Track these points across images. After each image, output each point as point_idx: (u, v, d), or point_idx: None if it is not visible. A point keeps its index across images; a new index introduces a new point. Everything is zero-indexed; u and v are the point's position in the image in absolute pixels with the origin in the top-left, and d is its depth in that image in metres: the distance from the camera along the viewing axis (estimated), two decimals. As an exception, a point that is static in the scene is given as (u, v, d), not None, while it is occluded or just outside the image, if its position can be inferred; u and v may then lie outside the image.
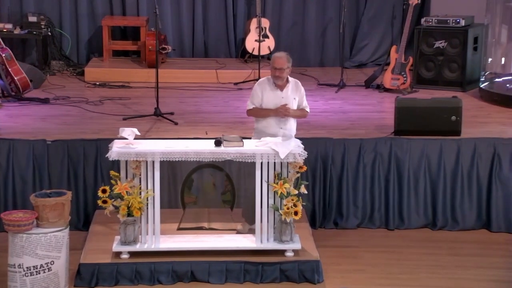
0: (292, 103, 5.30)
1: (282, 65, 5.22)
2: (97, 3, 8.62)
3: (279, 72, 5.22)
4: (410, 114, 6.24)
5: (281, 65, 5.22)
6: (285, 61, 5.22)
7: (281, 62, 5.22)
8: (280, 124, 5.32)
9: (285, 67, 5.23)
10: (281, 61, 5.22)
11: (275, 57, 5.28)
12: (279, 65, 5.21)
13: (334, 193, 6.15)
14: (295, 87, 5.34)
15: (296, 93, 5.33)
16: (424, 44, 7.89)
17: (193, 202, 5.36)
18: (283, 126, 5.32)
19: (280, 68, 5.22)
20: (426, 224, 6.20)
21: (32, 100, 7.16)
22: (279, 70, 5.22)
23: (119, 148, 5.09)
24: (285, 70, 5.24)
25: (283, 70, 5.23)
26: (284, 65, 5.22)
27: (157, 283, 5.11)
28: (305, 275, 5.18)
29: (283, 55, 5.26)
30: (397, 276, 5.35)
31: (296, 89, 5.34)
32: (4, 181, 5.89)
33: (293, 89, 5.32)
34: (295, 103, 5.32)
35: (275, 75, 5.24)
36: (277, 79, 5.26)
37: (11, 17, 8.49)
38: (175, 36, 8.72)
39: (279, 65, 5.21)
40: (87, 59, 8.65)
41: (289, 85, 5.31)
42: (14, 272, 4.80)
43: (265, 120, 5.32)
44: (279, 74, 5.23)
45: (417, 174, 6.14)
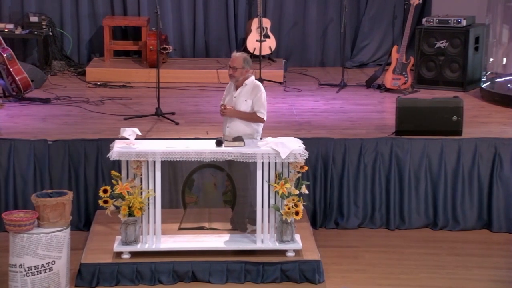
0: (241, 104, 5.31)
1: (235, 63, 5.27)
2: (98, 3, 8.62)
3: (232, 70, 5.29)
4: (411, 114, 6.23)
5: (234, 64, 5.27)
6: (240, 61, 5.27)
7: (235, 61, 5.28)
8: (227, 123, 5.38)
9: (238, 67, 5.26)
10: (235, 60, 5.28)
11: (232, 55, 5.35)
12: (232, 63, 5.28)
13: (335, 193, 6.15)
14: (251, 90, 5.34)
15: (250, 95, 5.32)
16: (425, 44, 7.88)
17: (194, 202, 5.36)
18: (229, 125, 5.37)
19: (233, 66, 5.27)
20: (427, 224, 6.19)
21: (33, 100, 7.16)
22: (232, 69, 5.28)
23: (120, 148, 5.09)
24: (238, 69, 5.27)
25: (236, 69, 5.27)
26: (237, 65, 5.26)
27: (158, 283, 5.11)
28: (306, 275, 5.17)
29: (240, 55, 5.31)
30: (397, 276, 5.35)
31: (252, 92, 5.33)
32: (5, 181, 5.90)
33: (248, 91, 5.33)
34: (245, 104, 5.32)
35: (228, 73, 5.33)
36: (230, 77, 5.33)
37: (13, 17, 8.49)
38: (176, 36, 8.72)
39: (232, 64, 5.28)
40: (88, 59, 8.65)
41: (245, 87, 5.34)
42: (15, 272, 4.80)
43: (223, 118, 5.42)
44: (231, 73, 5.30)
45: (418, 174, 6.14)
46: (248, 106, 5.31)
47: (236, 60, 5.27)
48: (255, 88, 5.33)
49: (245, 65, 5.27)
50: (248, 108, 5.31)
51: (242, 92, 5.32)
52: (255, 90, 5.33)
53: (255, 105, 5.32)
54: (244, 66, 5.27)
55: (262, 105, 5.32)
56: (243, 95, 5.31)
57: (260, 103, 5.32)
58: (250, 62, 5.32)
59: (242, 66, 5.26)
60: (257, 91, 5.32)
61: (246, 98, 5.30)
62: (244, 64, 5.27)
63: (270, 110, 7.19)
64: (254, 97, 5.31)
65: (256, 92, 5.32)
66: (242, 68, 5.27)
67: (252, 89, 5.33)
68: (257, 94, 5.31)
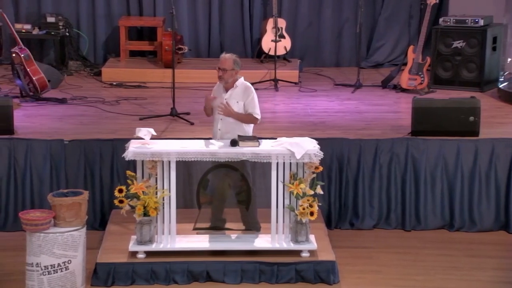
0: (233, 106, 5.26)
1: (225, 65, 5.22)
2: (114, 4, 8.67)
3: (221, 72, 5.24)
4: (427, 114, 6.19)
5: (223, 65, 5.23)
6: (230, 63, 5.22)
7: (224, 62, 5.23)
8: (218, 125, 5.34)
9: (228, 68, 5.22)
10: (224, 61, 5.24)
11: (221, 56, 5.30)
12: (221, 65, 5.23)
13: (350, 193, 6.12)
14: (242, 91, 5.30)
15: (242, 97, 5.28)
16: (442, 44, 7.83)
17: (208, 202, 5.37)
18: (220, 127, 5.33)
19: (222, 68, 5.23)
20: (443, 225, 6.15)
21: (50, 100, 7.21)
22: (221, 70, 5.24)
23: (135, 148, 5.11)
24: (227, 71, 5.22)
25: (225, 70, 5.22)
26: (227, 66, 5.22)
27: (172, 283, 5.13)
28: (321, 276, 5.16)
29: (229, 56, 5.27)
30: (413, 277, 5.32)
31: (243, 93, 5.29)
32: (22, 181, 5.95)
33: (239, 93, 5.29)
34: (237, 106, 5.27)
35: (218, 75, 5.27)
36: (219, 79, 5.28)
37: (30, 18, 8.56)
38: (191, 36, 8.74)
39: (221, 65, 5.23)
40: (104, 59, 8.70)
41: (235, 88, 5.30)
42: (32, 271, 4.83)
43: (214, 119, 5.38)
44: (221, 74, 5.25)
45: (434, 175, 6.10)
46: (240, 107, 5.27)
47: (226, 62, 5.22)
48: (247, 90, 5.29)
49: (235, 67, 5.24)
50: (240, 110, 5.27)
51: (233, 94, 5.29)
52: (247, 91, 5.29)
53: (248, 106, 5.27)
54: (234, 68, 5.24)
55: (256, 106, 5.29)
56: (234, 97, 5.28)
57: (254, 103, 5.28)
58: (239, 63, 5.29)
59: (232, 67, 5.23)
60: (249, 92, 5.28)
61: (238, 100, 5.27)
62: (234, 66, 5.24)
63: (285, 110, 7.25)
64: (246, 99, 5.26)
65: (249, 94, 5.27)
66: (232, 69, 5.23)
67: (243, 90, 5.29)
68: (250, 95, 5.27)
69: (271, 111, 7.21)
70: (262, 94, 7.75)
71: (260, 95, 7.68)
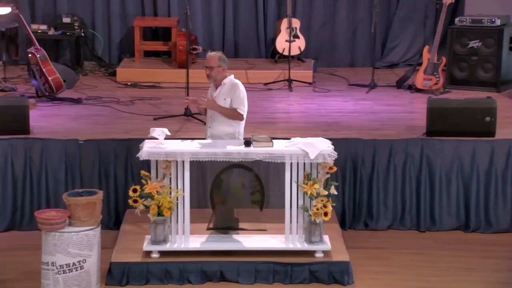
0: (220, 103, 5.30)
1: (210, 63, 5.27)
2: (129, 4, 8.70)
3: (208, 70, 5.29)
4: (443, 114, 6.15)
5: (209, 63, 5.27)
6: (215, 60, 5.27)
7: (210, 60, 5.28)
8: (208, 123, 5.39)
9: (214, 66, 5.26)
10: (210, 59, 5.29)
11: (207, 55, 5.35)
12: (208, 63, 5.29)
13: (364, 194, 6.10)
14: (229, 88, 5.33)
15: (229, 94, 5.31)
16: (458, 44, 7.78)
17: (222, 202, 5.37)
18: (210, 125, 5.38)
19: (209, 66, 5.27)
20: (459, 226, 6.11)
21: (65, 100, 7.26)
22: (208, 69, 5.29)
23: (150, 148, 5.13)
24: (214, 68, 5.27)
25: (212, 68, 5.27)
26: (213, 64, 5.26)
27: (186, 283, 5.14)
28: (335, 276, 5.14)
29: (214, 54, 5.31)
30: (428, 278, 5.28)
31: (230, 90, 5.32)
32: (37, 180, 5.99)
33: (227, 90, 5.33)
34: (224, 103, 5.31)
35: (206, 74, 5.33)
36: (207, 77, 5.34)
37: (46, 19, 8.62)
38: (205, 36, 8.75)
39: (208, 63, 5.29)
40: (118, 59, 8.74)
41: (223, 86, 5.33)
42: (47, 270, 4.86)
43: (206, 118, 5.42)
44: (208, 72, 5.30)
45: (449, 176, 6.06)
46: (227, 105, 5.32)
47: (211, 60, 5.28)
48: (234, 86, 5.33)
49: (221, 63, 5.28)
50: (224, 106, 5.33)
51: (222, 91, 5.33)
52: (233, 88, 5.33)
53: (234, 102, 5.30)
54: (220, 65, 5.28)
55: (241, 102, 5.31)
56: (222, 94, 5.32)
57: (240, 100, 5.30)
58: (226, 60, 5.33)
59: (218, 64, 5.27)
60: (235, 89, 5.32)
61: (225, 97, 5.31)
62: (220, 63, 5.28)
63: (299, 111, 7.23)
64: (233, 95, 5.30)
65: (235, 90, 5.31)
66: (219, 66, 5.27)
67: (231, 87, 5.33)
68: (236, 91, 5.31)
69: (285, 111, 7.20)
70: (276, 94, 7.76)
71: (274, 95, 7.75)
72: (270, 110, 7.16)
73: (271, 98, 7.58)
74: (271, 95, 7.71)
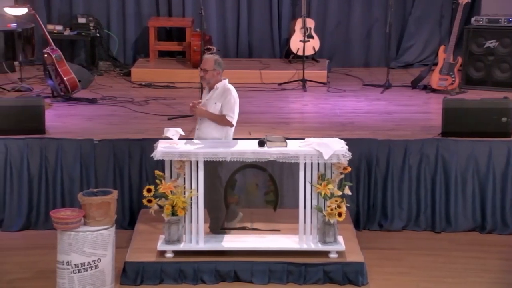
0: (211, 106, 5.28)
1: (206, 65, 5.26)
2: (144, 4, 8.73)
3: (202, 72, 5.29)
4: (458, 115, 6.11)
5: (204, 66, 5.27)
6: (211, 63, 5.26)
7: (205, 62, 5.28)
8: (197, 124, 5.38)
9: (209, 69, 5.25)
10: (206, 62, 5.28)
11: (203, 57, 5.35)
12: (203, 65, 5.29)
13: (379, 194, 6.07)
14: (221, 93, 5.30)
15: (220, 99, 5.28)
16: (474, 44, 7.72)
17: (236, 202, 5.37)
18: (199, 127, 5.37)
19: (203, 68, 5.27)
20: (475, 227, 6.06)
21: (80, 100, 7.30)
22: (203, 71, 5.29)
23: (164, 148, 5.14)
24: (208, 71, 5.25)
25: (206, 71, 5.26)
26: (208, 67, 5.25)
27: (200, 283, 5.14)
28: (349, 277, 5.12)
29: (211, 57, 5.31)
30: (443, 280, 5.25)
31: (222, 95, 5.29)
32: (53, 180, 6.03)
33: (219, 94, 5.30)
34: (214, 107, 5.28)
35: (200, 75, 5.33)
36: (201, 79, 5.35)
37: (61, 19, 8.67)
38: (219, 36, 8.76)
39: (203, 66, 5.29)
40: (133, 59, 8.77)
41: (216, 90, 5.32)
42: (62, 269, 4.89)
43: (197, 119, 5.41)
44: (202, 75, 5.30)
45: (465, 176, 6.02)
46: (217, 109, 5.28)
47: (207, 62, 5.26)
48: (226, 92, 5.29)
49: (216, 67, 5.26)
50: (217, 112, 5.28)
51: (213, 95, 5.31)
52: (225, 93, 5.28)
53: (224, 108, 5.25)
54: (215, 68, 5.26)
55: (230, 109, 5.25)
56: (213, 98, 5.30)
57: (229, 106, 5.25)
58: (222, 64, 5.31)
59: (213, 68, 5.25)
60: (227, 94, 5.27)
61: (216, 101, 5.28)
62: (215, 66, 5.26)
63: (313, 111, 7.22)
64: (223, 100, 5.26)
65: (226, 95, 5.26)
66: (213, 70, 5.25)
67: (222, 92, 5.29)
68: (227, 97, 5.26)
69: (299, 112, 7.19)
70: (290, 95, 7.74)
71: (288, 95, 7.74)
72: (284, 110, 7.15)
73: (285, 98, 7.57)
74: (285, 95, 7.70)
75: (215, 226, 5.37)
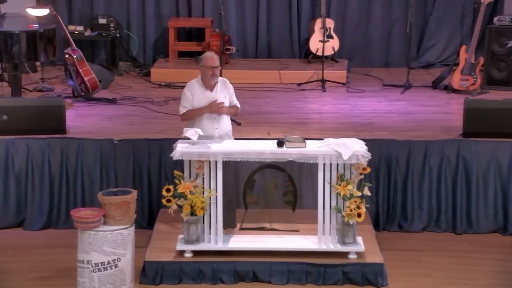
0: (223, 101, 5.31)
1: (216, 63, 5.28)
2: (164, 5, 8.77)
3: (216, 70, 5.28)
4: (480, 115, 6.05)
5: (216, 63, 5.27)
6: (217, 59, 5.30)
7: (216, 60, 5.29)
8: (214, 124, 5.34)
9: (219, 66, 5.31)
10: (215, 59, 5.29)
11: (208, 57, 5.30)
12: (214, 63, 5.26)
13: (399, 195, 6.03)
14: (223, 86, 5.36)
15: (226, 91, 5.34)
16: (496, 44, 7.64)
17: (255, 202, 5.37)
18: (217, 126, 5.35)
19: (216, 66, 5.27)
20: (496, 229, 5.99)
21: (100, 100, 7.35)
22: (215, 69, 5.27)
23: (183, 148, 5.16)
24: (218, 68, 5.31)
25: (218, 68, 5.29)
26: (218, 63, 5.29)
27: (219, 283, 5.15)
28: (369, 278, 5.09)
29: (214, 54, 5.32)
30: (464, 281, 5.19)
31: (225, 87, 5.35)
32: (73, 179, 6.07)
33: (222, 88, 5.34)
34: (226, 101, 5.33)
35: (213, 74, 5.29)
36: (214, 78, 5.30)
37: (82, 20, 8.75)
38: (239, 37, 8.77)
39: (214, 64, 5.26)
40: (153, 60, 8.81)
41: (217, 85, 5.33)
42: (83, 268, 4.92)
43: (198, 123, 5.33)
44: (216, 73, 5.29)
45: (486, 177, 5.95)
46: (227, 102, 5.35)
47: (216, 60, 5.30)
48: (226, 83, 5.40)
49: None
50: (227, 104, 5.36)
51: (218, 90, 5.34)
52: (226, 84, 5.39)
53: (232, 99, 5.39)
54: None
55: (235, 96, 5.42)
56: (220, 93, 5.34)
57: (234, 95, 5.41)
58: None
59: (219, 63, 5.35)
60: (227, 85, 5.38)
61: (224, 95, 5.34)
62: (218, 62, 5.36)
63: (332, 111, 7.19)
64: (228, 92, 5.36)
65: (228, 86, 5.38)
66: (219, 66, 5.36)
67: (223, 84, 5.38)
68: (230, 88, 5.37)
69: (318, 112, 7.16)
70: (309, 95, 7.72)
71: (307, 95, 7.72)
72: (303, 111, 7.13)
73: (304, 98, 7.55)
74: (304, 95, 7.68)
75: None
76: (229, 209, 5.30)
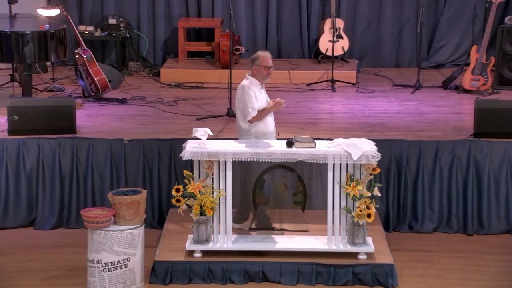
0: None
1: (272, 63, 5.33)
2: (174, 5, 8.79)
3: (271, 70, 5.34)
4: (491, 115, 6.01)
5: (271, 63, 5.34)
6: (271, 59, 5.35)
7: (271, 60, 5.34)
8: (274, 121, 5.42)
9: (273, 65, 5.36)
10: (270, 59, 5.34)
11: (266, 57, 5.32)
12: (270, 63, 5.32)
13: (409, 196, 6.00)
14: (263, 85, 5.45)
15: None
16: (508, 44, 7.60)
17: (264, 202, 5.36)
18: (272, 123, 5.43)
19: (271, 66, 5.33)
20: (508, 230, 5.96)
21: (110, 100, 7.37)
22: (271, 68, 5.33)
23: (193, 148, 5.16)
24: (273, 68, 5.37)
25: (273, 68, 5.35)
26: (272, 63, 5.34)
27: (229, 283, 5.15)
28: (379, 279, 5.07)
29: (269, 53, 5.37)
30: (475, 282, 5.16)
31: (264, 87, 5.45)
32: (84, 179, 6.09)
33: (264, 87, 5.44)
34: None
35: (268, 73, 5.33)
36: (268, 77, 5.36)
37: (93, 20, 8.78)
38: (248, 37, 8.76)
39: (270, 63, 5.33)
40: (163, 60, 8.83)
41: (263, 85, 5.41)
42: (93, 267, 4.94)
43: (263, 122, 5.34)
44: (271, 72, 5.34)
45: (498, 178, 5.91)
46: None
47: (271, 59, 5.34)
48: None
49: None
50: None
51: (263, 89, 5.43)
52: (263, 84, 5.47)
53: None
54: None
55: None
56: (265, 91, 5.44)
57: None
58: None
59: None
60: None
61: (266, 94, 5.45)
62: None
63: (342, 111, 7.18)
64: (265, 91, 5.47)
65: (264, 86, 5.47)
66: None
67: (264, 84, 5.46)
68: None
69: (328, 112, 7.15)
70: (319, 95, 7.71)
71: (317, 95, 7.71)
72: (313, 111, 7.12)
73: (314, 98, 7.54)
74: (314, 95, 7.67)
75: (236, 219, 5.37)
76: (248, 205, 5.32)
